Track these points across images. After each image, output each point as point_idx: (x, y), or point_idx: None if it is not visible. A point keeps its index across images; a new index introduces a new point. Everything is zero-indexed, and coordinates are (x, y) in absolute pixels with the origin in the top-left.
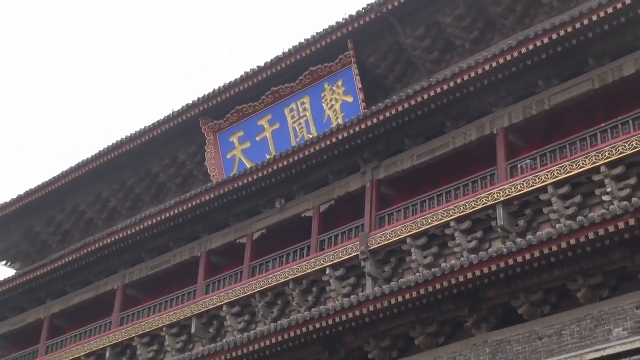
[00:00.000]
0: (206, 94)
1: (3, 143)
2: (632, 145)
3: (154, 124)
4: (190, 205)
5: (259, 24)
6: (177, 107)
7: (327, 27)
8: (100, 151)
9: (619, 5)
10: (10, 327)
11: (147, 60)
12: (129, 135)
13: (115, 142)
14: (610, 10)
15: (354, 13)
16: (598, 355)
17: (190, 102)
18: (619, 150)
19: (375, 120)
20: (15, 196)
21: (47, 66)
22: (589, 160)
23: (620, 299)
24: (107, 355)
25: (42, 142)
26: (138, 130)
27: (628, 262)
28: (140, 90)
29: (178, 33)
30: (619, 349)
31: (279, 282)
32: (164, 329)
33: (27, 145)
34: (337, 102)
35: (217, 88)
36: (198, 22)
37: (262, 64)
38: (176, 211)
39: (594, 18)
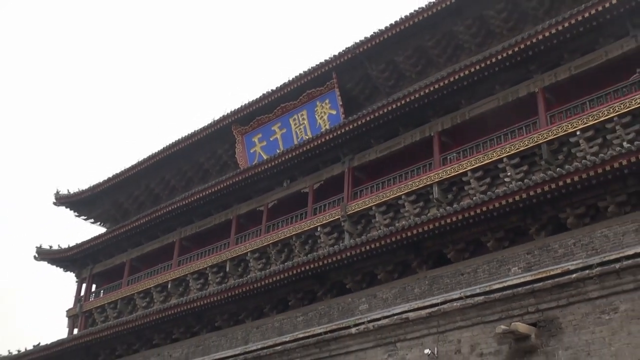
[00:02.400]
0: (235, 108)
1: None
2: (525, 143)
3: (200, 129)
4: (225, 184)
5: (258, 46)
6: (216, 117)
7: (318, 62)
8: (164, 147)
9: (516, 49)
10: (103, 268)
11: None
12: (182, 136)
13: (173, 141)
14: (510, 52)
15: (336, 53)
16: (501, 285)
17: (225, 113)
18: (516, 146)
19: (350, 127)
20: (105, 178)
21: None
22: (496, 153)
23: (516, 248)
24: (169, 286)
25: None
26: (189, 132)
27: (522, 222)
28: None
29: (185, 53)
30: (515, 281)
31: (286, 236)
32: (208, 269)
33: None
34: (325, 114)
35: (243, 104)
36: (205, 39)
37: (274, 88)
38: (215, 188)
39: (499, 57)
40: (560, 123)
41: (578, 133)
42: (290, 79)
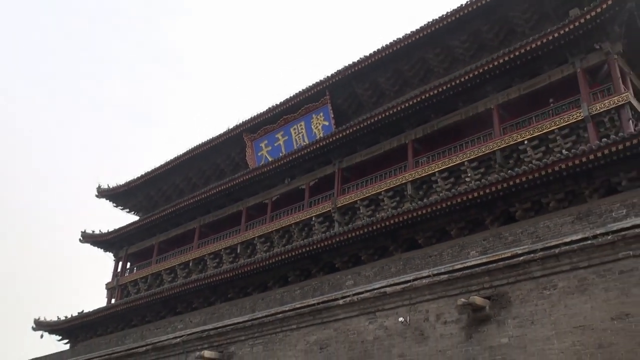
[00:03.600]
0: (246, 119)
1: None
2: (482, 150)
3: (217, 135)
4: (237, 181)
5: (265, 62)
6: (231, 126)
7: (314, 82)
8: (187, 150)
9: (476, 72)
10: (136, 249)
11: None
12: (202, 141)
13: (194, 145)
14: (471, 75)
15: (329, 74)
16: (461, 265)
17: (237, 123)
18: (475, 152)
19: (340, 136)
20: (138, 175)
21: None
22: (459, 158)
23: (474, 235)
24: (190, 265)
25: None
26: (208, 138)
27: (479, 215)
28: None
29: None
30: (473, 263)
31: (287, 224)
32: (222, 250)
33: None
34: (320, 124)
35: (252, 116)
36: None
37: (277, 102)
38: (229, 184)
39: (462, 79)
40: (511, 134)
41: (526, 142)
42: (291, 95)
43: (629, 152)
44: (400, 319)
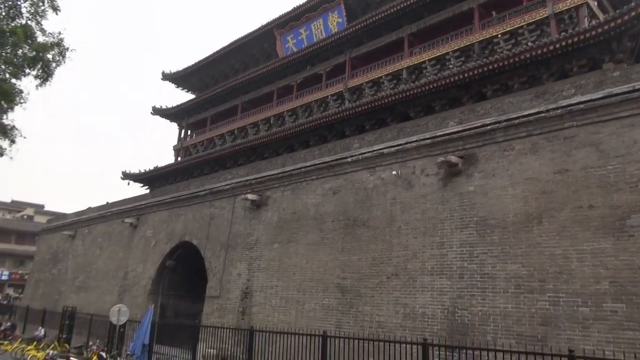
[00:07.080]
0: (276, 17)
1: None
2: (463, 42)
3: (254, 30)
4: (269, 68)
5: None
6: (264, 23)
7: None
8: (230, 42)
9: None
10: (194, 120)
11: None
12: (242, 35)
13: (236, 38)
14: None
15: None
16: (442, 133)
17: (269, 20)
18: (458, 44)
19: (350, 30)
20: (193, 62)
21: None
22: (445, 49)
23: (454, 110)
24: (235, 132)
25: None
26: (246, 33)
27: (458, 94)
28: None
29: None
30: (450, 130)
31: (308, 102)
32: (259, 121)
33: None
34: (335, 21)
35: (280, 14)
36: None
37: (301, 3)
38: (263, 70)
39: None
40: (488, 29)
41: (499, 36)
42: None
43: (581, 45)
44: (394, 172)
